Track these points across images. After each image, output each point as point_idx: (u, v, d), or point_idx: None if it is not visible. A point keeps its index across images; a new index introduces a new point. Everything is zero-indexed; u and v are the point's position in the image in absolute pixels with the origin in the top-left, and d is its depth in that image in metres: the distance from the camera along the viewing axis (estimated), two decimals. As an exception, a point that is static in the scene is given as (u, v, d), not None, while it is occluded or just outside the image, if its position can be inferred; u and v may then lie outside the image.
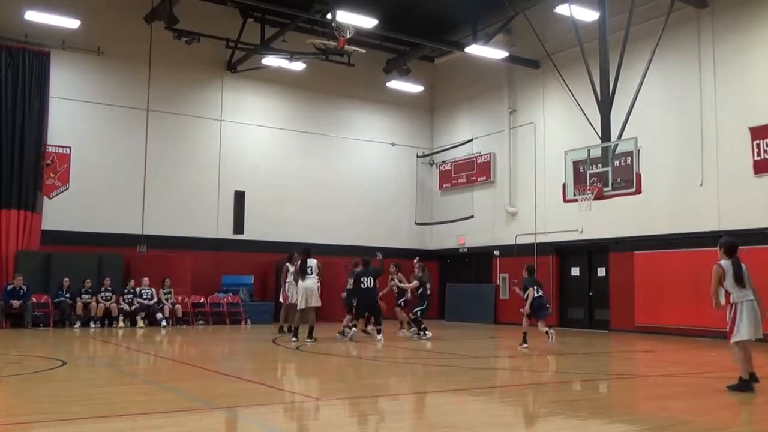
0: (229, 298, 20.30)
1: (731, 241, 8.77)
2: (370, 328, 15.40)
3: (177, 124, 20.94)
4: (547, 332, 13.39)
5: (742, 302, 8.26)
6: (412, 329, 15.37)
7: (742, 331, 8.21)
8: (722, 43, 16.71)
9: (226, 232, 21.40)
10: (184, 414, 6.45)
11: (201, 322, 19.48)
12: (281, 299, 16.21)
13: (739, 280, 8.30)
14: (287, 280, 15.78)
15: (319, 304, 14.03)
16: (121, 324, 17.96)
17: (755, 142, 15.80)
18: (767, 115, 15.61)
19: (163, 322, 18.29)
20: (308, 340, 13.53)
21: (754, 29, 16.20)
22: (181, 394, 7.56)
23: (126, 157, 20.10)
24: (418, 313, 15.12)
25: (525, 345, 12.99)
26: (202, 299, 19.93)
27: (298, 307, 13.99)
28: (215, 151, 21.55)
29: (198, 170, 21.21)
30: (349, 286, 15.07)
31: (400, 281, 16.03)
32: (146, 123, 20.35)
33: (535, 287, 13.28)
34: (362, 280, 14.33)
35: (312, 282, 13.88)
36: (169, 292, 18.95)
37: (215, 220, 21.31)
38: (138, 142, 20.22)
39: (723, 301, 8.48)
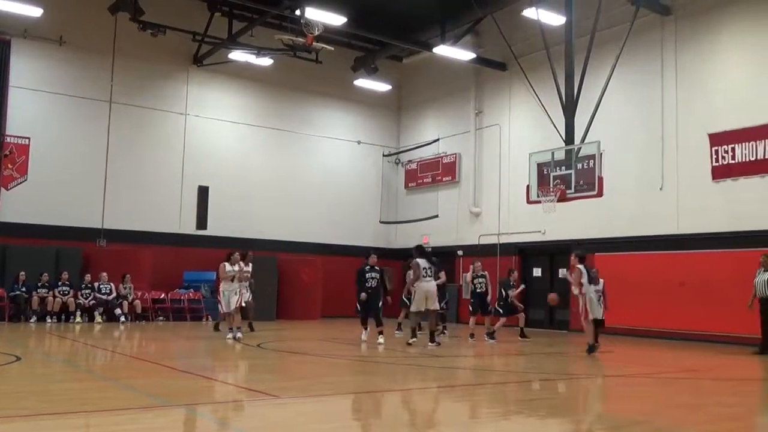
0: (191, 294, 20.07)
1: (582, 253, 12.66)
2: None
3: (140, 117, 20.63)
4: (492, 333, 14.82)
5: (591, 294, 12.19)
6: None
7: (596, 313, 12.35)
8: (684, 50, 17.04)
9: (188, 227, 21.16)
10: (142, 411, 6.36)
11: (161, 318, 19.24)
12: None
13: (591, 280, 12.39)
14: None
15: (437, 307, 13.42)
16: (78, 319, 17.66)
17: (714, 149, 16.15)
18: (726, 122, 15.97)
19: (122, 318, 18.01)
20: (430, 344, 12.86)
21: (716, 38, 16.55)
22: (139, 391, 7.46)
23: (87, 150, 19.73)
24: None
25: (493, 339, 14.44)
26: (163, 295, 19.68)
27: (416, 309, 13.18)
28: (179, 145, 21.28)
29: (161, 164, 20.93)
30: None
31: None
32: (109, 115, 20.00)
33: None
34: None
35: (432, 284, 13.15)
36: (129, 288, 18.67)
37: (178, 215, 21.05)
38: (100, 134, 19.86)
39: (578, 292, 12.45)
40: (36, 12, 17.91)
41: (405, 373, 10.03)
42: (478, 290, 15.32)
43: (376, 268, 13.74)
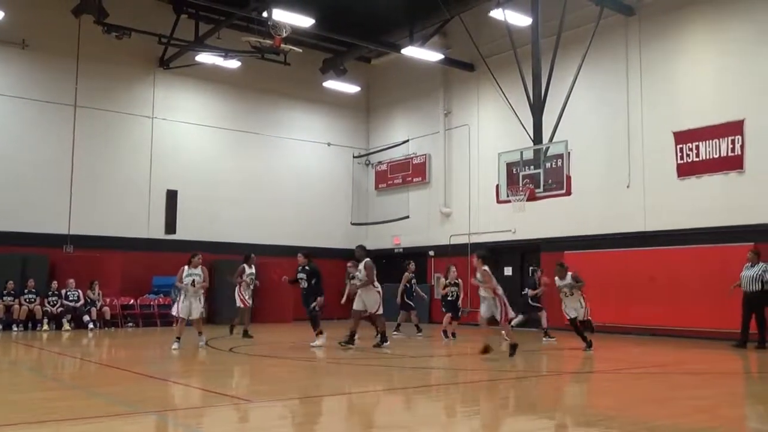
0: (160, 299, 19.84)
1: (485, 253, 12.07)
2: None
3: (106, 121, 20.33)
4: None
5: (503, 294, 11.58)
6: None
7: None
8: (649, 49, 17.31)
9: (157, 231, 20.91)
10: (112, 419, 6.26)
11: (130, 324, 18.99)
12: (238, 302, 15.39)
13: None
14: (242, 282, 15.39)
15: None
16: (45, 327, 17.35)
17: (679, 146, 16.42)
18: (690, 121, 16.25)
19: (90, 325, 17.74)
20: (384, 344, 12.85)
21: (679, 37, 16.83)
22: (109, 399, 7.34)
23: (52, 155, 19.40)
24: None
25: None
26: (132, 301, 19.43)
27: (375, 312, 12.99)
28: (147, 149, 21.02)
29: (128, 168, 20.66)
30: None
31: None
32: (74, 119, 19.68)
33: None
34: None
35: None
36: (98, 294, 18.39)
37: (146, 219, 20.79)
38: (65, 139, 19.54)
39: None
40: (-3, 15, 17.57)
41: (376, 374, 10.03)
42: (449, 298, 15.30)
43: (306, 268, 13.28)
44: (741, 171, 15.35)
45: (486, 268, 11.53)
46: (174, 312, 13.44)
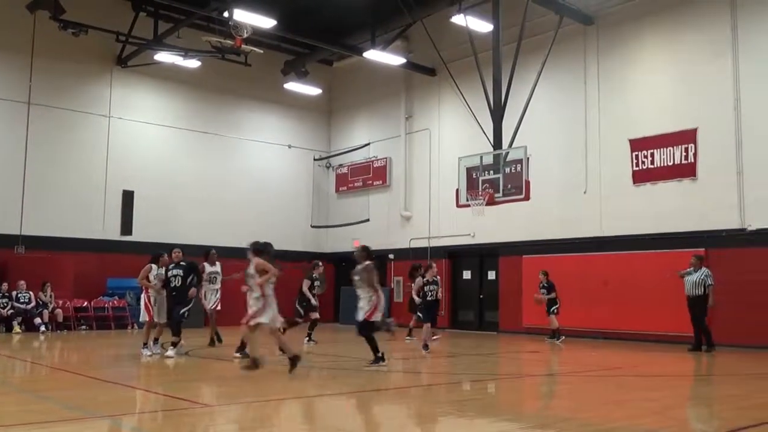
0: (115, 301, 19.48)
1: (259, 245, 10.15)
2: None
3: (61, 118, 19.88)
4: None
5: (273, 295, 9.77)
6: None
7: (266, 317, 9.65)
8: (606, 58, 17.62)
9: (113, 233, 20.51)
10: (63, 424, 6.12)
11: (84, 327, 18.60)
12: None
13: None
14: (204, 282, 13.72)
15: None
16: (-6, 330, 16.89)
17: (634, 154, 16.76)
18: (646, 128, 16.59)
19: (42, 328, 17.32)
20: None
21: (636, 46, 17.18)
22: (60, 404, 7.17)
23: (4, 153, 18.90)
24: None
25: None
26: (86, 303, 19.04)
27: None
28: (102, 148, 20.62)
29: (83, 168, 20.23)
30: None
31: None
32: (27, 117, 19.21)
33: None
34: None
35: None
36: (50, 296, 17.98)
37: (101, 220, 20.37)
38: (17, 136, 19.05)
39: None
40: (-53, 8, 17.09)
41: (333, 377, 9.98)
42: (429, 298, 13.49)
43: (182, 263, 12.02)
44: (694, 178, 15.73)
45: (259, 259, 9.86)
46: (146, 316, 11.97)
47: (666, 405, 7.66)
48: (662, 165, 16.27)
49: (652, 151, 16.45)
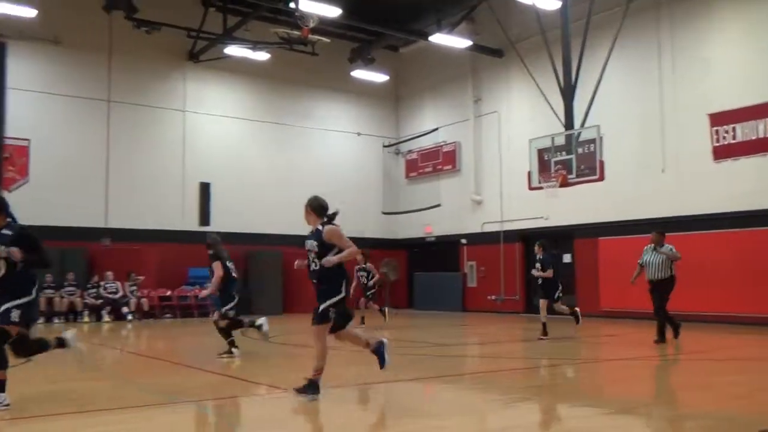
0: (197, 290, 20.11)
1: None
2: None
3: (139, 114, 20.63)
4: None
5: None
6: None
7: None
8: (680, 31, 16.99)
9: (192, 223, 21.19)
10: (152, 408, 6.39)
11: (168, 315, 19.31)
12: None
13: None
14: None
15: None
16: (86, 319, 17.74)
17: (714, 129, 16.13)
18: (725, 102, 15.94)
19: (129, 316, 18.09)
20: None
21: (711, 17, 16.50)
22: (149, 389, 7.49)
23: (87, 149, 19.76)
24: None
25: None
26: (169, 292, 19.75)
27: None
28: (179, 142, 21.29)
29: (162, 162, 20.95)
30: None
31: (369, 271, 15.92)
32: (108, 114, 20.02)
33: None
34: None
35: None
36: (135, 286, 18.74)
37: (180, 211, 21.08)
38: (99, 133, 19.89)
39: None
40: (30, 13, 17.87)
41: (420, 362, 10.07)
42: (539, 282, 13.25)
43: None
44: (779, 153, 15.04)
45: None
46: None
47: (753, 389, 7.41)
48: (745, 139, 15.60)
49: (733, 125, 15.79)
